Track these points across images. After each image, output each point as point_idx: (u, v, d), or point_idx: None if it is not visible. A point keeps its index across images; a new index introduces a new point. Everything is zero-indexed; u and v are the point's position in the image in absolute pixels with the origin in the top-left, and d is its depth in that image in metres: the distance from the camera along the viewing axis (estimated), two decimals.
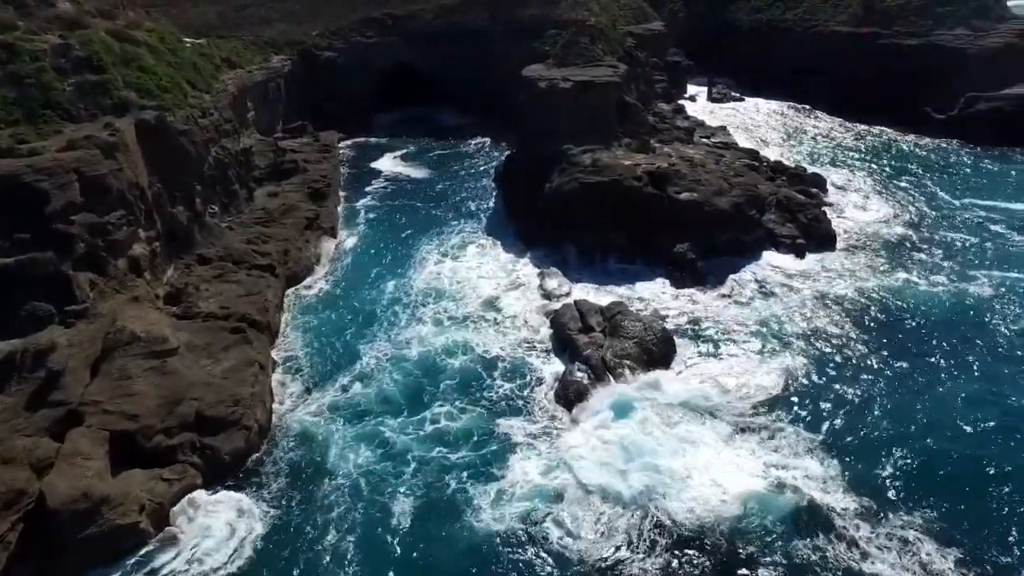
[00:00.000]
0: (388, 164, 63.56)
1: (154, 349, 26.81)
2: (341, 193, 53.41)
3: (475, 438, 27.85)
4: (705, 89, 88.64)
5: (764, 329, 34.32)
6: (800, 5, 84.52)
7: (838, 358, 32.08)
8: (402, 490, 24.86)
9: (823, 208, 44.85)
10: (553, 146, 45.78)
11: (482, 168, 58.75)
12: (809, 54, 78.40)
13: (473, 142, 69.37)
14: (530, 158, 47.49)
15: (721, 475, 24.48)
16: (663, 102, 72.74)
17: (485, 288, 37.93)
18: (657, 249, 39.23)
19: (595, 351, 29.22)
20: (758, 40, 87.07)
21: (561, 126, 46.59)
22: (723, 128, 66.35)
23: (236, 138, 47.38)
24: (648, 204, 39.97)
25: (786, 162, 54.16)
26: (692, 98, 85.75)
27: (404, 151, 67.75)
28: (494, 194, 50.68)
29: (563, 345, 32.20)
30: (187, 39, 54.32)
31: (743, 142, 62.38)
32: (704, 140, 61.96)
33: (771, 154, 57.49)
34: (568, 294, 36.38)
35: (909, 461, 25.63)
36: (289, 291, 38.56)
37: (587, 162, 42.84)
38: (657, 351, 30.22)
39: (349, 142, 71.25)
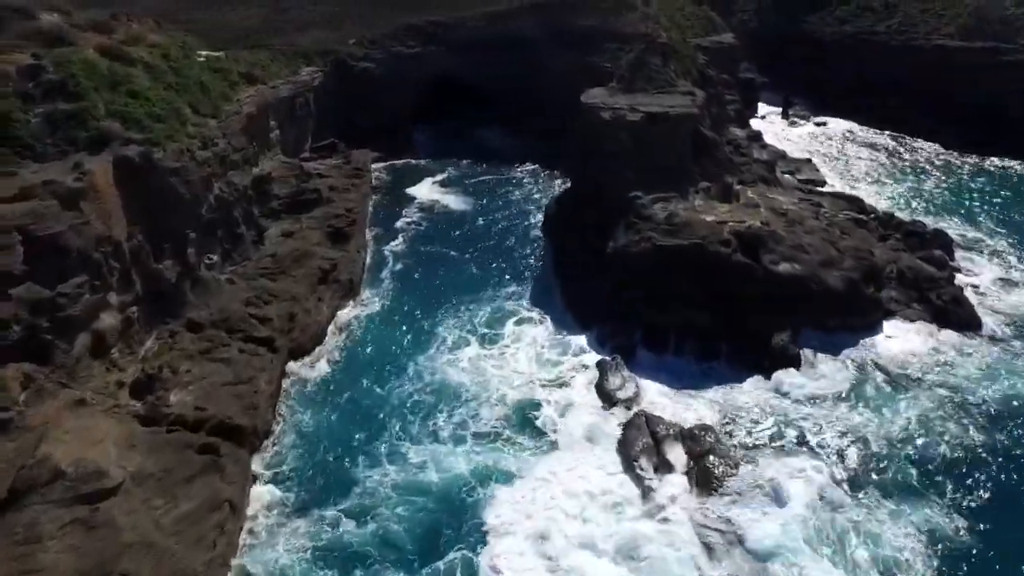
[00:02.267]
0: (425, 191, 56.20)
1: (84, 490, 19.74)
2: (368, 232, 46.03)
3: None
4: (778, 108, 78.93)
5: (895, 456, 25.64)
6: (895, 15, 73.89)
7: (1005, 511, 23.28)
8: None
9: (956, 282, 35.37)
10: (616, 190, 37.52)
11: (528, 205, 50.75)
12: (906, 72, 67.85)
13: (519, 169, 61.49)
14: (587, 203, 39.30)
15: None
16: (736, 126, 63.55)
17: (525, 385, 29.64)
18: (749, 334, 30.68)
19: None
20: (843, 55, 76.64)
21: (627, 165, 38.27)
22: (808, 161, 56.95)
23: (247, 169, 40.52)
24: (738, 277, 31.41)
25: (897, 212, 44.50)
26: (764, 118, 76.25)
27: (443, 175, 60.36)
28: (541, 245, 42.47)
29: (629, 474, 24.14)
30: (204, 52, 47.89)
31: (834, 180, 53.01)
32: (788, 176, 52.85)
33: (873, 198, 47.86)
34: (635, 398, 28.14)
35: None
36: (290, 366, 31.33)
37: (661, 217, 34.47)
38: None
39: (385, 164, 64.23)
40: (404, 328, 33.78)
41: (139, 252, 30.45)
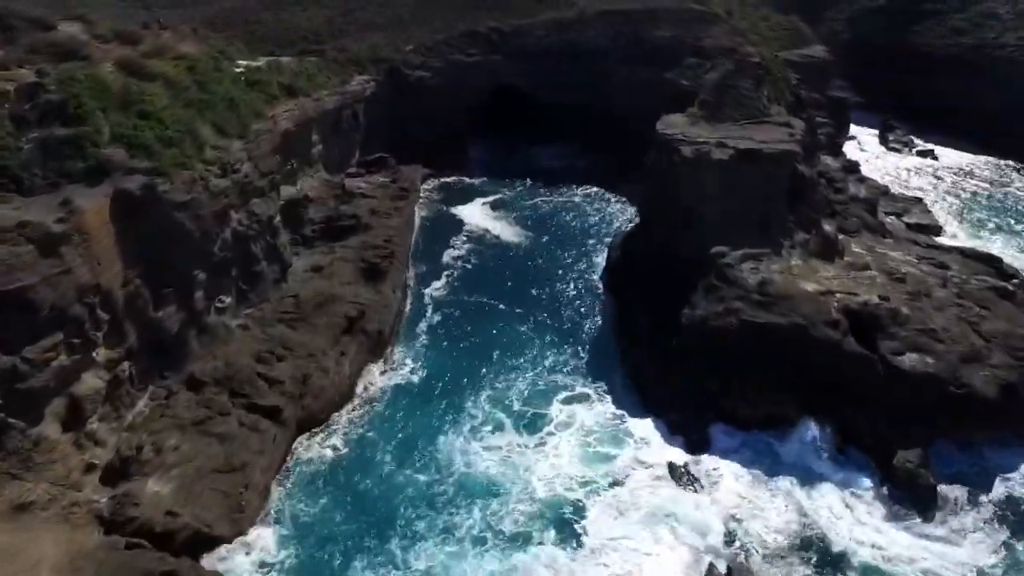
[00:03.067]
0: (476, 215, 50.86)
1: None
2: (409, 273, 40.82)
3: None
4: (873, 131, 70.08)
5: None
6: None
7: None
8: None
9: None
10: (696, 241, 31.22)
11: (589, 240, 44.63)
12: None
13: (580, 191, 55.63)
14: (658, 253, 33.12)
15: None
16: (827, 154, 55.56)
17: (567, 482, 23.98)
18: (864, 445, 23.98)
19: None
20: (958, 70, 66.67)
21: (709, 212, 31.87)
22: (918, 201, 48.67)
23: (273, 196, 36.07)
24: (850, 370, 24.71)
25: None
26: (858, 143, 67.60)
27: (498, 196, 55.13)
28: (601, 295, 36.37)
29: None
30: (244, 61, 44.06)
31: (952, 226, 44.77)
32: (893, 220, 45.00)
33: (1009, 254, 39.48)
34: (714, 528, 21.93)
35: None
36: (298, 441, 26.57)
37: (751, 282, 27.99)
38: None
39: (436, 182, 59.54)
40: (432, 400, 28.37)
41: (135, 299, 26.27)
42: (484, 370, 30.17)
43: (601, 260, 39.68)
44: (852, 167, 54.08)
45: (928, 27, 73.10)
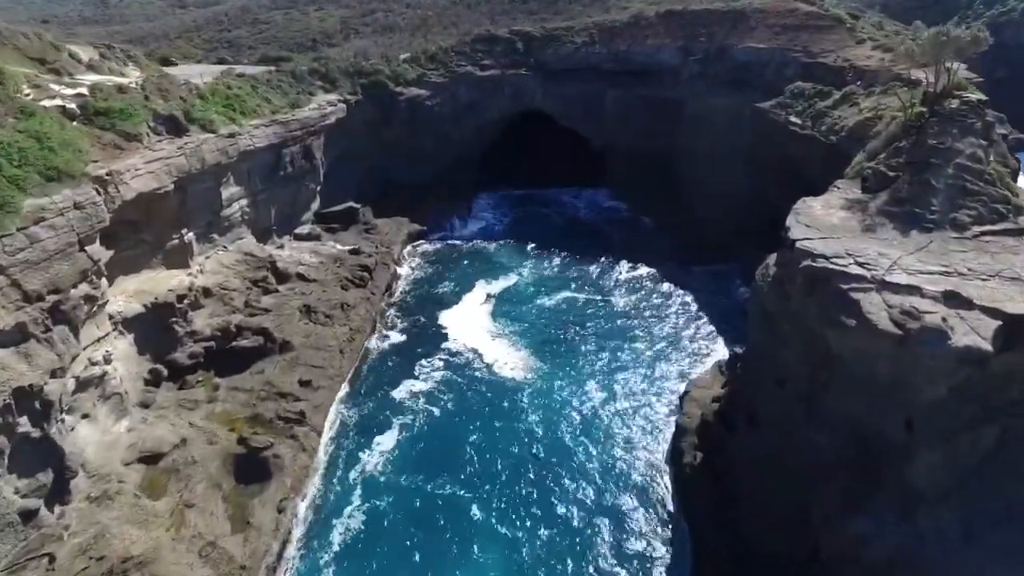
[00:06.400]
0: (469, 324, 32.17)
1: None
2: (339, 432, 23.54)
3: None
4: None
5: None
6: None
7: None
8: None
9: None
10: (897, 534, 13.03)
11: (638, 389, 26.49)
12: None
13: (625, 276, 37.62)
14: (792, 511, 15.02)
15: None
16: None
17: None
18: None
19: None
20: None
21: (932, 456, 13.61)
22: None
23: (56, 336, 18.96)
24: None
25: None
26: None
27: (511, 280, 37.37)
28: (670, 519, 17.80)
29: None
30: (95, 77, 27.69)
31: None
32: None
33: None
34: None
35: None
36: None
37: None
38: None
39: (426, 245, 42.76)
40: None
41: None
42: None
43: (658, 446, 21.68)
44: None
45: None
